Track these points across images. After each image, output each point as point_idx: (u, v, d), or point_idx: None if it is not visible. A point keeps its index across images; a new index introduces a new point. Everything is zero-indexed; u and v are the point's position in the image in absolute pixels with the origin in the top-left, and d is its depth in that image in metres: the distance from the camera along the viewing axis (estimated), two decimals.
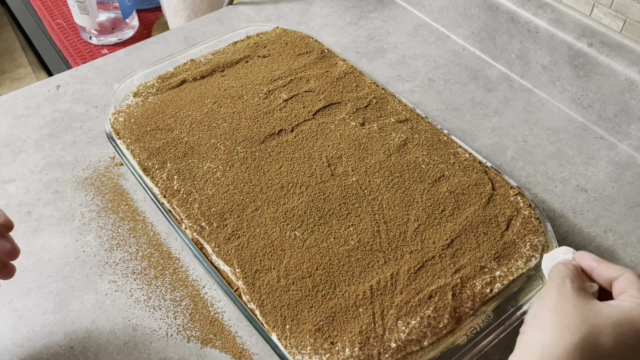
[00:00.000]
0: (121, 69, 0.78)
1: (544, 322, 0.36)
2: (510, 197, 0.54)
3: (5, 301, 0.54)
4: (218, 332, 0.51)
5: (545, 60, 0.70)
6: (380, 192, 0.54)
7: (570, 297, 0.37)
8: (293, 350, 0.44)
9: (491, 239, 0.50)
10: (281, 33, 0.72)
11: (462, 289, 0.47)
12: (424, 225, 0.51)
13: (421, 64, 0.78)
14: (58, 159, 0.66)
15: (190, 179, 0.55)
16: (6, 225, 0.43)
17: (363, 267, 0.48)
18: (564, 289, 0.37)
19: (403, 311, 0.45)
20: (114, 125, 0.61)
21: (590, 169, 0.64)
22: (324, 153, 0.57)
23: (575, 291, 0.37)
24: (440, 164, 0.56)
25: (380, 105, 0.63)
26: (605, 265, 0.39)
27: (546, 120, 0.70)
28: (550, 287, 0.38)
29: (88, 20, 0.95)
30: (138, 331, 0.51)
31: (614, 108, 0.65)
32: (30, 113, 0.71)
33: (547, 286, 0.39)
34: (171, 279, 0.55)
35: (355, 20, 0.85)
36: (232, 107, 0.62)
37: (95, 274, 0.55)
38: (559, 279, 0.38)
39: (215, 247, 0.51)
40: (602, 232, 0.59)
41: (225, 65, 0.68)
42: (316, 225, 0.51)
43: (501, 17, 0.73)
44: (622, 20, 0.64)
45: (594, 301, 0.37)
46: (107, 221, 0.60)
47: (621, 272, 0.38)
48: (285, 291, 0.47)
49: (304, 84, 0.65)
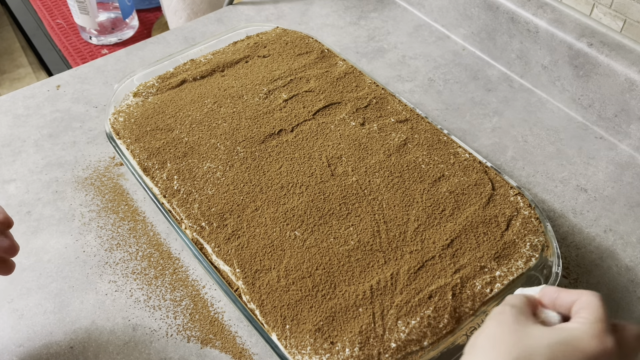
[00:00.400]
0: (121, 69, 0.78)
1: (480, 350, 0.36)
2: (510, 197, 0.54)
3: (5, 301, 0.54)
4: (218, 332, 0.51)
5: (545, 60, 0.70)
6: (380, 192, 0.54)
7: (508, 323, 0.36)
8: (293, 350, 0.44)
9: (491, 239, 0.50)
10: (281, 33, 0.72)
11: (462, 289, 0.47)
12: (424, 225, 0.51)
13: (421, 64, 0.78)
14: (58, 159, 0.66)
15: (190, 179, 0.55)
16: (5, 222, 0.44)
17: (363, 267, 0.48)
18: (502, 316, 0.37)
19: (403, 311, 0.45)
20: (114, 125, 0.61)
21: (590, 169, 0.64)
22: (324, 153, 0.57)
23: (514, 316, 0.36)
24: (440, 164, 0.56)
25: (380, 105, 0.63)
26: (565, 292, 0.38)
27: (546, 120, 0.70)
28: (490, 316, 0.38)
29: (88, 20, 0.95)
30: (138, 331, 0.51)
31: (614, 108, 0.65)
32: (30, 113, 0.71)
33: (489, 316, 0.38)
34: (171, 279, 0.55)
35: (355, 20, 0.85)
36: (232, 107, 0.62)
37: (95, 274, 0.55)
38: (500, 307, 0.38)
39: (215, 247, 0.51)
40: (602, 232, 0.59)
41: (225, 65, 0.68)
42: (316, 225, 0.51)
43: (501, 17, 0.73)
44: (622, 20, 0.64)
45: (533, 325, 0.36)
46: (107, 221, 0.60)
47: (579, 295, 0.37)
48: (285, 291, 0.47)
49: (304, 84, 0.65)
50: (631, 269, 0.56)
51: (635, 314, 0.53)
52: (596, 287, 0.54)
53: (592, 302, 0.36)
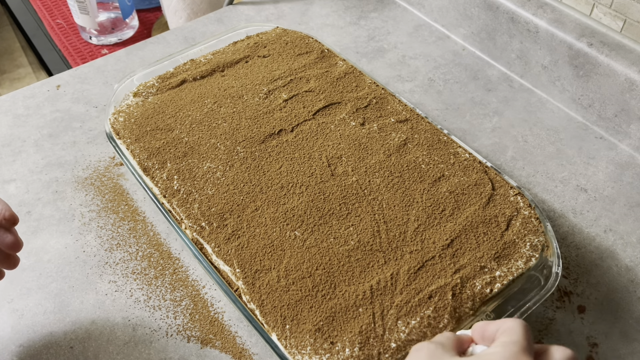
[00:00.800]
0: (121, 69, 0.78)
1: None
2: (510, 197, 0.54)
3: (5, 301, 0.54)
4: (218, 332, 0.51)
5: (545, 60, 0.70)
6: (380, 192, 0.54)
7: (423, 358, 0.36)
8: (293, 350, 0.44)
9: (491, 239, 0.50)
10: (281, 33, 0.72)
11: (462, 289, 0.47)
12: (424, 225, 0.51)
13: (421, 64, 0.78)
14: (58, 159, 0.66)
15: (190, 179, 0.55)
16: (11, 219, 0.44)
17: (363, 267, 0.48)
18: (419, 352, 0.36)
19: (403, 311, 0.45)
20: (114, 125, 0.61)
21: (590, 169, 0.64)
22: (324, 153, 0.57)
23: (430, 351, 0.36)
24: (440, 164, 0.56)
25: (380, 105, 0.63)
26: (492, 323, 0.37)
27: (546, 120, 0.70)
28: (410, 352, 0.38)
29: (88, 20, 0.95)
30: (138, 331, 0.51)
31: (614, 108, 0.65)
32: (30, 113, 0.71)
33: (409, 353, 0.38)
34: (171, 279, 0.55)
35: (355, 20, 0.85)
36: (232, 107, 0.62)
37: (95, 274, 0.55)
38: (419, 344, 0.37)
39: (215, 247, 0.51)
40: (602, 232, 0.59)
41: (225, 65, 0.68)
42: (316, 225, 0.51)
43: (501, 17, 0.73)
44: (622, 20, 0.64)
45: (451, 357, 0.35)
46: (107, 221, 0.60)
47: (502, 322, 0.36)
48: (285, 291, 0.47)
49: (304, 84, 0.65)
50: (631, 269, 0.56)
51: (635, 314, 0.53)
52: (596, 287, 0.54)
53: (512, 327, 0.35)
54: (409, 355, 0.37)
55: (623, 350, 0.50)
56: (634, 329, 0.52)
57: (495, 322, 0.37)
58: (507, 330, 0.35)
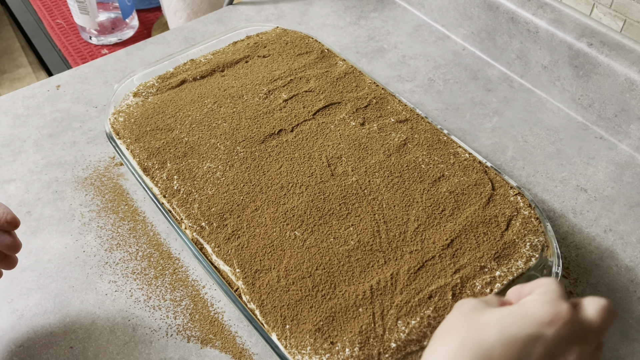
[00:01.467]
0: (121, 69, 0.78)
1: (439, 335, 0.38)
2: (510, 197, 0.54)
3: (5, 301, 0.54)
4: (218, 332, 0.51)
5: (545, 60, 0.70)
6: (380, 192, 0.54)
7: (465, 310, 0.38)
8: (293, 350, 0.44)
9: (491, 239, 0.50)
10: (281, 33, 0.72)
11: (462, 289, 0.47)
12: (424, 225, 0.51)
13: (421, 64, 0.78)
14: (58, 159, 0.66)
15: (190, 179, 0.55)
16: (12, 222, 0.45)
17: (363, 267, 0.48)
18: (461, 306, 0.39)
19: (403, 311, 0.45)
20: (114, 125, 0.61)
21: (590, 169, 0.64)
22: (324, 153, 0.58)
23: (472, 305, 0.38)
24: (440, 164, 0.56)
25: (380, 105, 0.63)
26: (527, 284, 0.39)
27: (546, 120, 0.70)
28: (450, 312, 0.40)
29: (88, 20, 0.95)
30: (138, 331, 0.51)
31: (614, 108, 0.65)
32: (30, 113, 0.71)
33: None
34: (171, 279, 0.55)
35: (355, 20, 0.85)
36: (232, 107, 0.62)
37: (95, 274, 0.55)
38: (463, 300, 0.40)
39: (215, 247, 0.51)
40: (602, 232, 0.59)
41: (225, 65, 0.68)
42: (316, 225, 0.51)
43: (501, 17, 0.73)
44: (622, 20, 0.64)
45: (491, 309, 0.37)
46: (107, 221, 0.60)
47: (536, 281, 0.39)
48: (285, 291, 0.47)
49: (304, 84, 0.65)
50: (631, 269, 0.56)
51: (635, 314, 0.53)
52: (596, 287, 0.54)
53: (546, 282, 0.38)
54: (452, 310, 0.40)
55: (623, 350, 0.50)
56: (634, 329, 0.52)
57: (529, 283, 0.39)
58: (542, 285, 0.37)
